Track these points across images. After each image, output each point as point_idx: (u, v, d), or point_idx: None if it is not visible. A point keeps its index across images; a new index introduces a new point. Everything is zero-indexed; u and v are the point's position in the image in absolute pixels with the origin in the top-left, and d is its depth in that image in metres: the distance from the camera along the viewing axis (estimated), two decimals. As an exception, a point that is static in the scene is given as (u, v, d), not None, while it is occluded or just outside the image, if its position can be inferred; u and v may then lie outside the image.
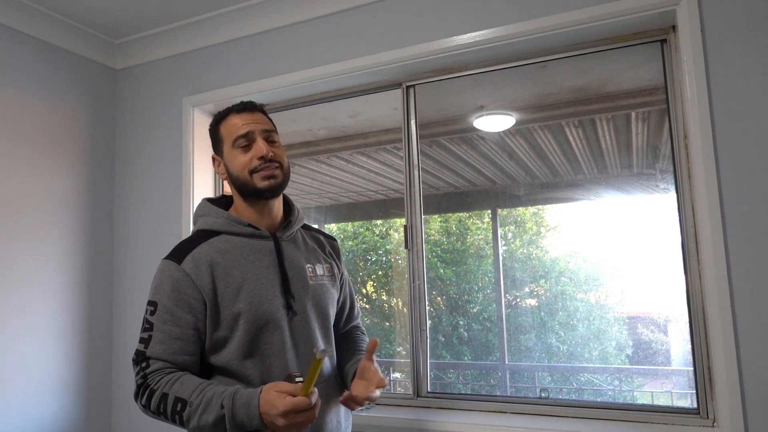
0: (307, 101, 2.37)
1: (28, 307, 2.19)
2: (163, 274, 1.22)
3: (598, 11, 1.75)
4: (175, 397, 1.11)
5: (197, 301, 1.20)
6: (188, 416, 1.10)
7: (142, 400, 1.15)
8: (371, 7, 2.13)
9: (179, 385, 1.12)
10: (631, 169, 2.40)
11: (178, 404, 1.10)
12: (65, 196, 2.38)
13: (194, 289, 1.19)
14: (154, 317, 1.18)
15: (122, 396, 2.49)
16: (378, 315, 3.60)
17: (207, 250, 1.24)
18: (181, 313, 1.18)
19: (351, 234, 3.69)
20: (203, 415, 1.08)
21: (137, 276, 2.51)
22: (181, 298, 1.19)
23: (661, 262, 2.33)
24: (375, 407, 2.04)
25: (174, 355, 1.17)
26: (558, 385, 2.72)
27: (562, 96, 2.22)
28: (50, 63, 2.36)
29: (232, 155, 1.30)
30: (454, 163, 2.74)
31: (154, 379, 1.14)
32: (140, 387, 1.15)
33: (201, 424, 1.09)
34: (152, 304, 1.19)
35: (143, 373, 1.15)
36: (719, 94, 1.61)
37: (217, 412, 1.08)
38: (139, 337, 1.19)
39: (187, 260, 1.21)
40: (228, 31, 2.39)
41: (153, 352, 1.16)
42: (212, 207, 1.33)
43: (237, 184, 1.30)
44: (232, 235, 1.29)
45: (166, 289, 1.19)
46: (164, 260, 1.24)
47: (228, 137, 1.31)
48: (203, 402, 1.09)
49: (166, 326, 1.17)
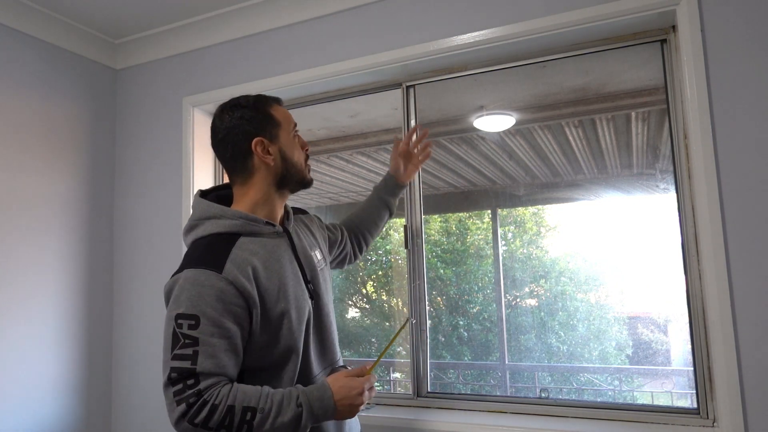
0: (307, 101, 2.37)
1: (28, 308, 2.19)
2: (200, 285, 1.13)
3: (598, 11, 1.75)
4: (243, 408, 1.09)
5: (243, 309, 1.16)
6: (260, 423, 1.09)
7: (197, 419, 1.07)
8: (371, 7, 2.13)
9: (242, 395, 1.11)
10: (631, 169, 2.40)
11: (247, 413, 1.09)
12: (65, 196, 2.38)
13: (239, 297, 1.15)
14: (198, 331, 1.10)
15: (122, 396, 2.49)
16: (378, 315, 3.60)
17: (242, 254, 1.20)
18: (229, 324, 1.13)
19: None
20: (278, 418, 1.10)
21: (137, 276, 2.51)
22: (226, 308, 1.13)
23: (661, 262, 2.32)
24: (375, 407, 2.04)
25: (226, 368, 1.13)
26: (558, 385, 2.72)
27: (562, 96, 2.22)
28: (50, 63, 2.36)
29: (291, 142, 1.33)
30: (454, 163, 2.74)
31: (212, 393, 1.09)
32: (193, 405, 1.07)
33: (275, 426, 1.10)
34: (191, 318, 1.11)
35: (195, 390, 1.08)
36: (719, 94, 1.61)
37: (294, 412, 1.12)
38: (175, 354, 1.10)
39: (229, 267, 1.16)
40: (228, 31, 2.39)
41: (204, 367, 1.09)
42: (224, 208, 1.26)
43: (289, 171, 1.32)
44: (252, 236, 1.25)
45: (208, 300, 1.12)
46: (199, 270, 1.15)
47: (286, 123, 1.33)
48: (275, 405, 1.11)
49: (214, 339, 1.11)
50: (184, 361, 1.09)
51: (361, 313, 3.84)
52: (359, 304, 3.91)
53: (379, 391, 1.92)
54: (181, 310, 1.12)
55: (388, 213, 1.80)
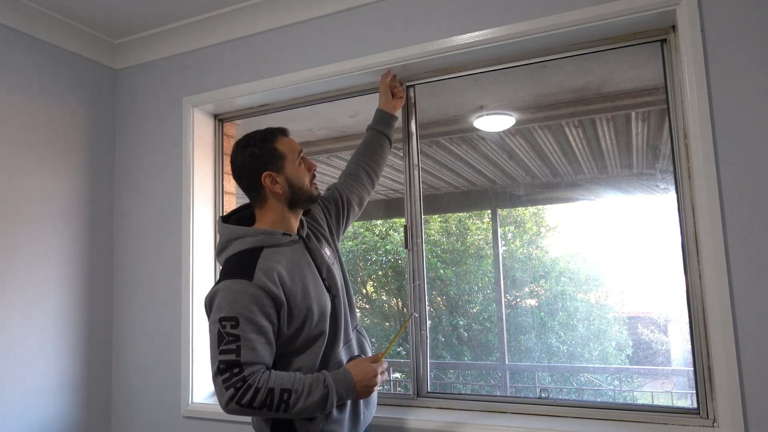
0: (307, 101, 2.37)
1: (28, 308, 2.19)
2: (235, 292, 1.37)
3: (598, 11, 1.75)
4: (281, 389, 1.34)
5: (272, 309, 1.39)
6: (294, 401, 1.34)
7: (243, 400, 1.31)
8: (371, 7, 2.12)
9: (279, 379, 1.36)
10: (631, 169, 2.40)
11: (285, 394, 1.34)
12: (65, 196, 2.38)
13: (269, 299, 1.39)
14: (239, 329, 1.34)
15: (122, 396, 2.49)
16: (378, 315, 3.60)
17: (267, 263, 1.43)
18: (263, 321, 1.37)
19: (351, 234, 3.69)
20: (309, 397, 1.36)
21: (137, 276, 2.51)
22: (260, 309, 1.37)
23: (661, 262, 2.33)
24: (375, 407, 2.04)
25: (264, 358, 1.37)
26: (558, 385, 2.73)
27: (562, 96, 2.22)
28: (50, 63, 2.36)
29: (297, 169, 1.53)
30: (454, 163, 2.74)
31: (255, 379, 1.33)
32: (240, 389, 1.32)
33: (307, 404, 1.35)
34: (231, 320, 1.35)
35: (241, 377, 1.32)
36: (719, 94, 1.61)
37: (321, 392, 1.37)
38: (222, 349, 1.34)
39: (258, 275, 1.39)
40: (228, 31, 2.39)
41: (247, 358, 1.33)
42: (245, 228, 1.50)
43: (297, 194, 1.53)
44: (273, 247, 1.48)
45: (244, 303, 1.36)
46: (231, 280, 1.39)
47: (291, 153, 1.53)
48: (306, 387, 1.37)
49: (252, 335, 1.35)
50: (230, 354, 1.33)
51: (361, 313, 3.84)
52: (359, 304, 3.91)
53: (379, 391, 1.92)
54: (223, 313, 1.36)
55: (388, 141, 1.95)
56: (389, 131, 1.96)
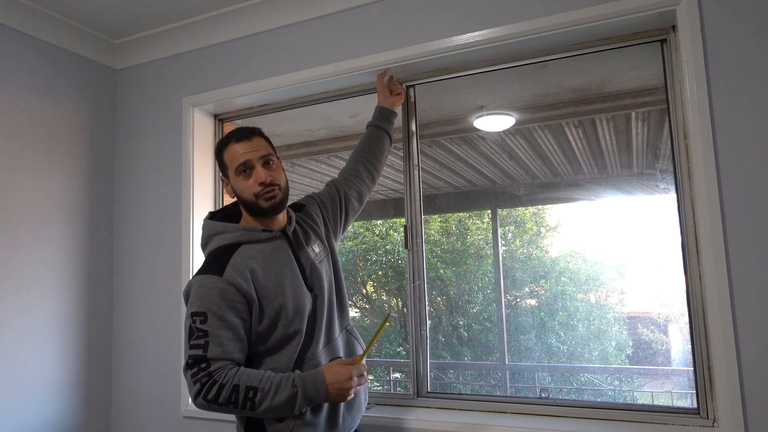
0: (307, 101, 2.37)
1: (28, 308, 2.19)
2: (206, 287, 1.36)
3: (598, 11, 1.75)
4: (246, 386, 1.31)
5: (243, 305, 1.38)
6: (260, 400, 1.31)
7: (208, 395, 1.30)
8: (371, 7, 2.13)
9: (246, 376, 1.32)
10: (631, 169, 2.40)
11: (250, 392, 1.31)
12: (65, 196, 2.38)
13: (239, 295, 1.37)
14: (207, 325, 1.33)
15: (122, 396, 2.49)
16: (378, 315, 3.60)
17: (241, 259, 1.41)
18: (231, 317, 1.36)
19: (351, 234, 3.69)
20: (275, 396, 1.31)
21: (137, 276, 2.51)
22: (228, 305, 1.35)
23: (661, 262, 2.33)
24: (375, 407, 2.04)
25: (231, 354, 1.35)
26: (558, 385, 2.73)
27: (562, 96, 2.22)
28: (50, 63, 2.36)
29: (236, 181, 1.49)
30: (454, 163, 2.74)
31: (220, 374, 1.31)
32: (205, 384, 1.30)
33: (273, 404, 1.31)
34: (200, 315, 1.34)
35: (207, 372, 1.31)
36: (719, 94, 1.61)
37: (289, 392, 1.32)
38: (191, 344, 1.33)
39: (228, 271, 1.38)
40: (228, 31, 2.39)
41: (213, 353, 1.32)
42: (225, 224, 1.49)
43: (245, 204, 1.50)
44: (252, 243, 1.46)
45: (213, 299, 1.35)
46: (203, 276, 1.39)
47: (231, 165, 1.49)
48: (273, 386, 1.33)
49: (219, 330, 1.34)
50: (198, 349, 1.33)
51: (361, 313, 3.84)
52: (359, 304, 3.91)
53: (379, 391, 1.92)
54: (194, 309, 1.36)
55: (388, 137, 1.94)
56: (389, 127, 1.95)
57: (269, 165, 1.49)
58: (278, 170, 1.51)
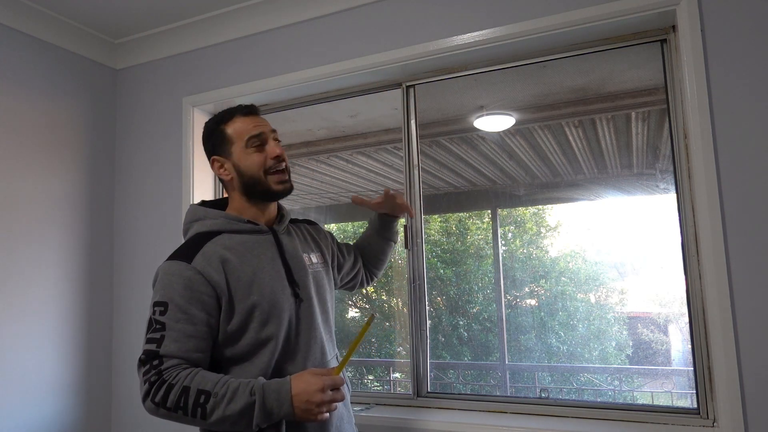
0: (307, 101, 2.37)
1: (28, 308, 2.19)
2: (171, 274, 1.22)
3: (598, 11, 1.75)
4: (197, 390, 1.12)
5: (210, 297, 1.22)
6: (212, 407, 1.11)
7: (156, 397, 1.12)
8: (371, 7, 2.13)
9: (200, 378, 1.14)
10: (631, 169, 2.40)
11: (201, 396, 1.11)
12: (65, 196, 2.38)
13: (207, 286, 1.22)
14: (166, 317, 1.18)
15: (122, 396, 2.49)
16: (378, 315, 3.60)
17: (214, 247, 1.27)
18: (195, 311, 1.20)
19: (351, 234, 3.69)
20: (230, 405, 1.11)
21: (137, 276, 2.51)
22: (194, 296, 1.20)
23: (661, 262, 2.33)
24: (375, 407, 2.04)
25: (189, 353, 1.17)
26: (558, 385, 2.73)
27: (562, 96, 2.22)
28: (50, 63, 2.36)
29: (245, 155, 1.35)
30: (454, 163, 2.74)
31: (171, 374, 1.14)
32: (153, 384, 1.13)
33: (226, 414, 1.11)
34: (161, 305, 1.19)
35: (157, 370, 1.14)
36: (719, 94, 1.61)
37: (246, 400, 1.11)
38: (147, 338, 1.18)
39: (198, 259, 1.23)
40: (228, 31, 2.39)
41: (167, 350, 1.15)
42: (207, 210, 1.36)
43: (248, 183, 1.35)
44: (233, 233, 1.33)
45: (177, 288, 1.20)
46: (170, 261, 1.25)
47: (239, 138, 1.36)
48: (229, 392, 1.12)
49: (179, 324, 1.18)
50: (152, 344, 1.17)
51: (361, 313, 3.84)
52: (359, 304, 3.91)
53: (379, 391, 1.92)
54: (156, 298, 1.21)
55: (392, 244, 1.80)
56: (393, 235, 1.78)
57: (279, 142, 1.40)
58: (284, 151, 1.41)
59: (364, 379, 3.43)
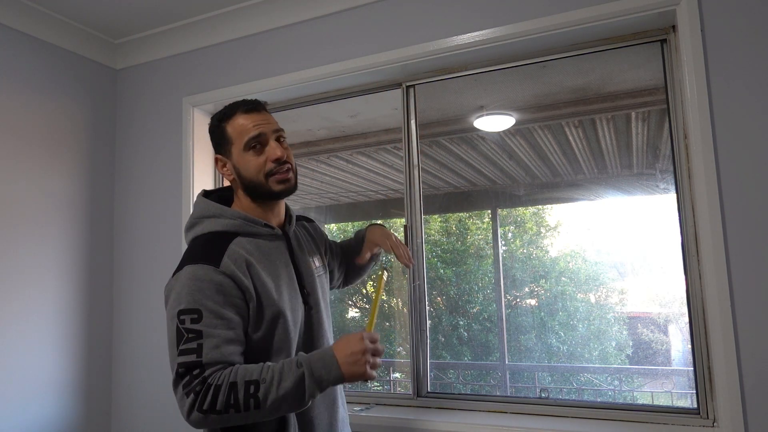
0: (307, 101, 2.37)
1: (28, 307, 2.19)
2: (199, 279, 1.15)
3: (598, 11, 1.75)
4: (245, 382, 1.08)
5: (242, 301, 1.18)
6: (265, 394, 1.08)
7: (204, 405, 1.07)
8: (371, 7, 2.13)
9: (243, 371, 1.10)
10: (631, 169, 2.40)
11: (251, 387, 1.08)
12: (65, 196, 2.38)
13: (238, 290, 1.17)
14: (201, 324, 1.12)
15: (122, 396, 2.49)
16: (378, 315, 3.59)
17: (238, 250, 1.22)
18: (231, 314, 1.15)
19: (351, 234, 3.69)
20: (282, 384, 1.08)
21: (137, 276, 2.51)
22: (227, 300, 1.15)
23: (661, 262, 2.33)
24: (375, 407, 2.04)
25: (231, 357, 1.13)
26: (558, 385, 2.73)
27: (562, 96, 2.22)
28: (50, 63, 2.36)
29: (243, 158, 1.27)
30: (454, 163, 2.74)
31: (215, 377, 1.09)
32: (199, 393, 1.07)
33: (280, 394, 1.08)
34: (193, 312, 1.13)
35: (200, 379, 1.09)
36: (719, 94, 1.61)
37: (296, 375, 1.09)
38: (180, 350, 1.11)
39: (226, 262, 1.18)
40: (228, 31, 2.39)
41: (210, 358, 1.10)
42: (224, 207, 1.29)
43: (249, 186, 1.29)
44: (249, 237, 1.27)
45: (208, 293, 1.14)
46: (195, 266, 1.17)
47: (238, 139, 1.28)
48: (276, 373, 1.10)
49: (218, 330, 1.12)
50: (190, 354, 1.10)
51: (361, 313, 3.84)
52: (359, 304, 3.91)
53: (379, 391, 1.92)
54: (182, 306, 1.14)
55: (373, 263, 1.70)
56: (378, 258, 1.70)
57: (282, 142, 1.32)
58: (290, 150, 1.33)
59: (364, 379, 3.43)
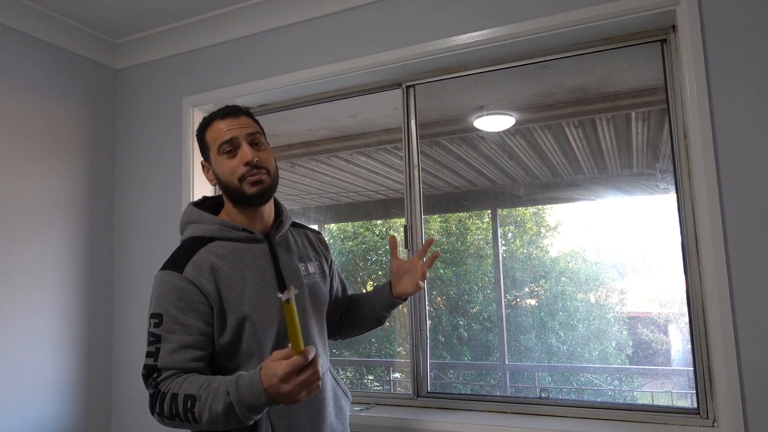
0: (307, 101, 2.37)
1: (28, 307, 2.19)
2: (164, 285, 1.20)
3: (598, 11, 1.75)
4: (184, 395, 1.10)
5: (205, 306, 1.20)
6: (200, 411, 1.08)
7: (156, 408, 1.13)
8: (371, 7, 2.13)
9: (188, 384, 1.12)
10: (631, 169, 2.40)
11: (188, 401, 1.09)
12: (65, 196, 2.38)
13: (200, 295, 1.20)
14: (160, 329, 1.17)
15: (122, 396, 2.49)
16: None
17: (206, 255, 1.25)
18: (190, 320, 1.18)
19: (351, 234, 3.69)
20: (212, 407, 1.07)
21: (137, 276, 2.51)
22: (187, 305, 1.19)
23: (661, 262, 2.32)
24: (375, 407, 2.04)
25: (185, 362, 1.16)
26: (558, 385, 2.72)
27: (562, 96, 2.22)
28: (50, 63, 2.36)
29: (218, 162, 1.30)
30: (454, 163, 2.74)
31: (165, 384, 1.13)
32: (153, 396, 1.14)
33: (213, 415, 1.07)
34: (156, 317, 1.18)
35: (155, 383, 1.14)
36: (719, 94, 1.61)
37: (224, 400, 1.06)
38: (146, 352, 1.18)
39: (189, 268, 1.21)
40: (228, 31, 2.39)
41: (164, 362, 1.15)
42: (203, 213, 1.33)
43: (227, 190, 1.31)
44: (226, 241, 1.29)
45: (170, 299, 1.18)
46: (163, 271, 1.23)
47: (213, 143, 1.31)
48: (210, 393, 1.08)
49: (175, 335, 1.16)
50: (149, 358, 1.17)
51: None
52: (359, 304, 3.89)
53: (379, 391, 1.92)
54: (151, 310, 1.21)
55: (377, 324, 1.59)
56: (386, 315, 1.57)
57: (258, 146, 1.31)
58: (267, 153, 1.32)
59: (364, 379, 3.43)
